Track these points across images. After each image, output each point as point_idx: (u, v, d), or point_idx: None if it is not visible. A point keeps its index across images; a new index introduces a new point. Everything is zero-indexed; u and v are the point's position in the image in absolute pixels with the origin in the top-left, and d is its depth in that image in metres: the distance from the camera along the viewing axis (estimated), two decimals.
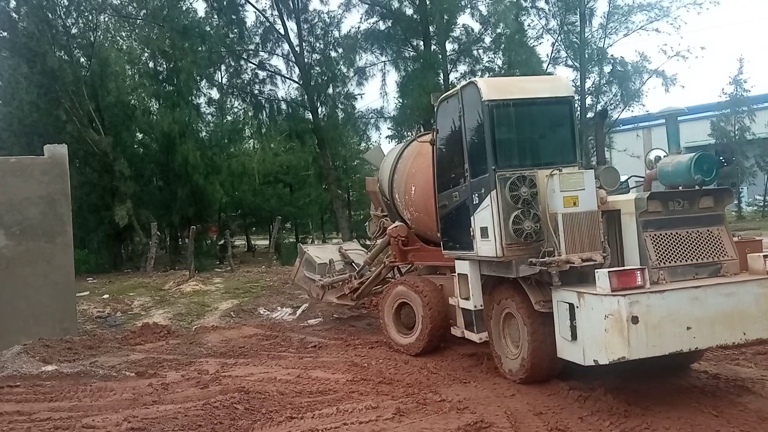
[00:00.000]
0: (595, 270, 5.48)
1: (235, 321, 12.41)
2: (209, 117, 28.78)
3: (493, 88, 6.50)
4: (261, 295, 15.76)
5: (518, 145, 6.55)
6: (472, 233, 6.70)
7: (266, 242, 29.64)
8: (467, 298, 7.11)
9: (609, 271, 5.30)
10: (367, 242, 14.81)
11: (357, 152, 32.14)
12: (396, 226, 9.31)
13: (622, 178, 6.93)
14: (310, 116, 14.67)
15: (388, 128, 18.94)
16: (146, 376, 7.66)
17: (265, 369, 7.81)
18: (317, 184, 27.42)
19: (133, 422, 5.74)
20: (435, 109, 7.71)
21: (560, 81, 7.31)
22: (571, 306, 5.60)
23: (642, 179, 7.05)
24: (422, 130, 14.48)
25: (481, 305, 6.99)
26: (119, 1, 22.17)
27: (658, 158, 6.58)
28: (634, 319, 5.11)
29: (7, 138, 24.37)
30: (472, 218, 6.71)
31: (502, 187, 6.12)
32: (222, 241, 26.61)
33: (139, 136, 27.20)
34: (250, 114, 22.47)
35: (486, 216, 6.37)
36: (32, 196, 10.10)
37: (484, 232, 6.44)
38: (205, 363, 8.30)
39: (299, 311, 13.32)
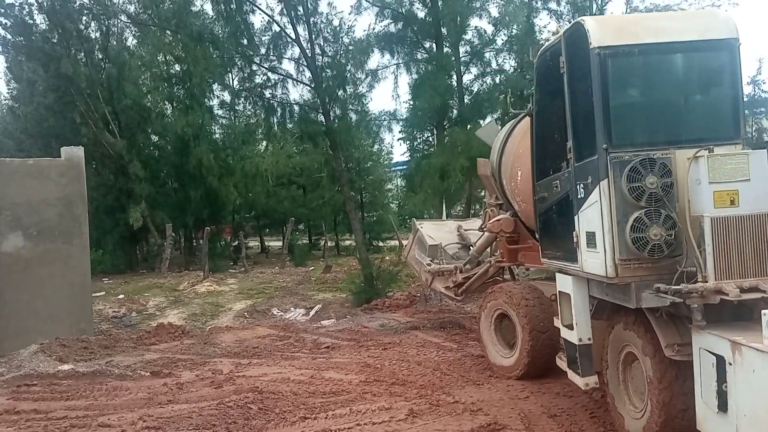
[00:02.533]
0: (762, 310, 3.53)
1: (248, 321, 12.49)
2: (222, 119, 29.06)
3: (607, 30, 4.57)
4: (274, 295, 15.86)
5: (645, 113, 4.64)
6: (575, 239, 4.87)
7: (279, 243, 29.80)
8: (570, 327, 5.23)
9: None
10: None
11: (370, 154, 32.17)
12: (498, 220, 7.59)
13: None
14: (322, 119, 14.70)
15: (400, 131, 18.99)
16: (161, 375, 7.72)
17: (279, 369, 7.84)
18: (330, 185, 27.47)
19: (148, 421, 5.79)
20: (534, 65, 5.91)
21: (716, 17, 4.95)
22: (721, 360, 3.76)
23: None
24: (434, 131, 14.48)
25: (589, 339, 5.03)
26: (133, 8, 22.45)
27: None
28: None
29: (25, 140, 24.74)
30: (575, 218, 4.88)
31: (618, 174, 4.27)
32: (236, 243, 26.77)
33: (154, 138, 27.48)
34: (262, 117, 22.73)
35: (593, 216, 4.53)
36: (49, 197, 10.22)
37: (590, 238, 4.62)
38: (219, 363, 8.35)
39: (312, 312, 13.38)
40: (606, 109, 4.44)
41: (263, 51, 15.07)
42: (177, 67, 25.71)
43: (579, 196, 4.79)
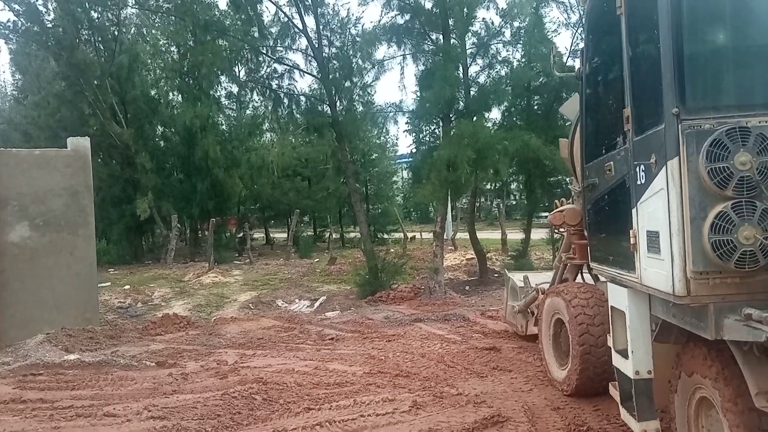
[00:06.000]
0: None
1: (253, 313, 12.53)
2: (229, 111, 29.08)
3: None
4: (279, 287, 15.91)
5: (735, 63, 3.34)
6: (632, 240, 3.77)
7: (285, 235, 29.88)
8: (624, 354, 4.15)
9: None
10: None
11: (375, 146, 32.18)
12: (561, 211, 6.46)
13: None
14: (329, 110, 14.70)
15: (406, 122, 18.90)
16: (166, 365, 7.76)
17: (283, 360, 7.86)
18: (335, 177, 27.47)
19: (153, 411, 5.82)
20: (584, 10, 4.80)
21: None
22: None
23: None
24: (440, 124, 14.43)
25: (650, 372, 3.95)
26: None
27: None
28: None
29: (32, 131, 24.82)
30: (633, 212, 3.76)
31: (694, 150, 3.11)
32: (241, 234, 26.89)
33: (161, 129, 27.57)
34: (269, 108, 22.77)
35: (657, 210, 3.41)
36: (56, 188, 10.26)
37: (652, 240, 3.49)
38: (224, 354, 8.38)
39: (317, 304, 13.43)
40: (678, 59, 3.20)
41: (271, 42, 15.05)
42: (186, 58, 25.76)
43: (638, 182, 3.62)
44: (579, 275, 6.88)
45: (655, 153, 3.38)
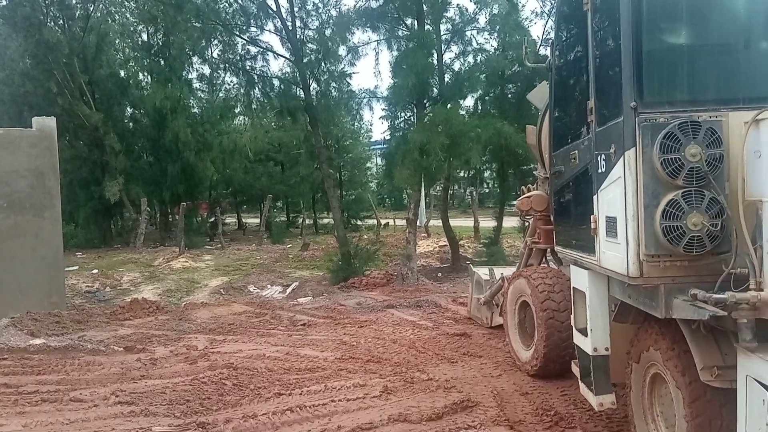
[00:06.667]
0: None
1: (224, 298, 12.45)
2: (201, 93, 28.62)
3: None
4: (251, 272, 15.82)
5: (689, 62, 3.55)
6: (593, 225, 3.99)
7: (257, 220, 29.66)
8: (584, 332, 4.38)
9: None
10: None
11: (349, 131, 32.02)
12: (528, 197, 6.61)
13: None
14: (302, 94, 14.56)
15: (382, 109, 18.84)
16: (135, 351, 7.66)
17: (254, 346, 7.82)
18: (309, 162, 27.27)
19: (120, 396, 5.75)
20: (555, 5, 5.03)
21: None
22: None
23: None
24: (415, 110, 14.42)
25: (607, 349, 4.21)
26: None
27: None
28: None
29: None
30: (594, 198, 3.99)
31: (648, 142, 3.29)
32: (212, 219, 26.61)
33: (130, 110, 27.03)
34: (242, 90, 22.47)
35: (615, 197, 3.63)
36: (20, 168, 10.01)
37: (610, 226, 3.71)
38: (193, 339, 8.31)
39: (289, 289, 13.39)
40: (637, 55, 3.43)
41: (243, 18, 14.83)
42: (157, 38, 25.22)
43: (599, 171, 3.85)
44: (543, 260, 7.14)
45: (615, 143, 3.62)
